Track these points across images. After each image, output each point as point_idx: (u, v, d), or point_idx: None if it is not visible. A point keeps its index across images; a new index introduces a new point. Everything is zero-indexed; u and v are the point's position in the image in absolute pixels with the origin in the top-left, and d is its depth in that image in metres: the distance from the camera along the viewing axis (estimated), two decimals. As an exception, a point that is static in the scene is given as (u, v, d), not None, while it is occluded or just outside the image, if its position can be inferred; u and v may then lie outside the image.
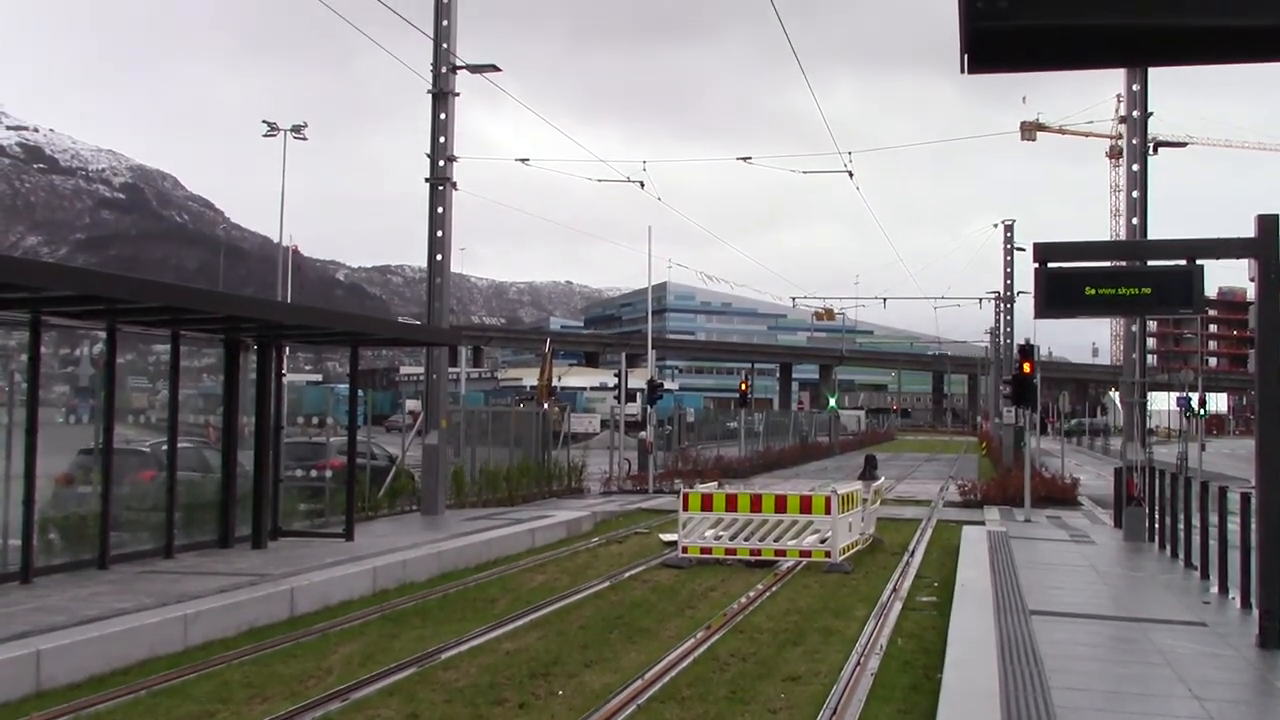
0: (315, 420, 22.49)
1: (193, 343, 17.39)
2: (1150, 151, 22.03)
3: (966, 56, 3.12)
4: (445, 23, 23.21)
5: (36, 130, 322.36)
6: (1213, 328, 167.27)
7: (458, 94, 23.51)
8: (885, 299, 64.98)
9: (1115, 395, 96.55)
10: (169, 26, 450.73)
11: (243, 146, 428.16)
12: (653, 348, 48.84)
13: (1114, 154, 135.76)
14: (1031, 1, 2.97)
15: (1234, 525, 14.08)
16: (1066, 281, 11.63)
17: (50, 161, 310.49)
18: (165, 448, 16.10)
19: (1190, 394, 49.43)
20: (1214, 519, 14.73)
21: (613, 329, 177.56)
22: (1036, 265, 11.41)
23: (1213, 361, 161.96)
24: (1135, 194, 21.68)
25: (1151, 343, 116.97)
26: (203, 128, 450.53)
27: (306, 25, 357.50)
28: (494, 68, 23.49)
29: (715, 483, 22.99)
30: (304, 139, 54.28)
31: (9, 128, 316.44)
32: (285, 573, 14.43)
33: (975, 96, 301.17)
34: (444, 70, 23.24)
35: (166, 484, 15.96)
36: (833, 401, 77.34)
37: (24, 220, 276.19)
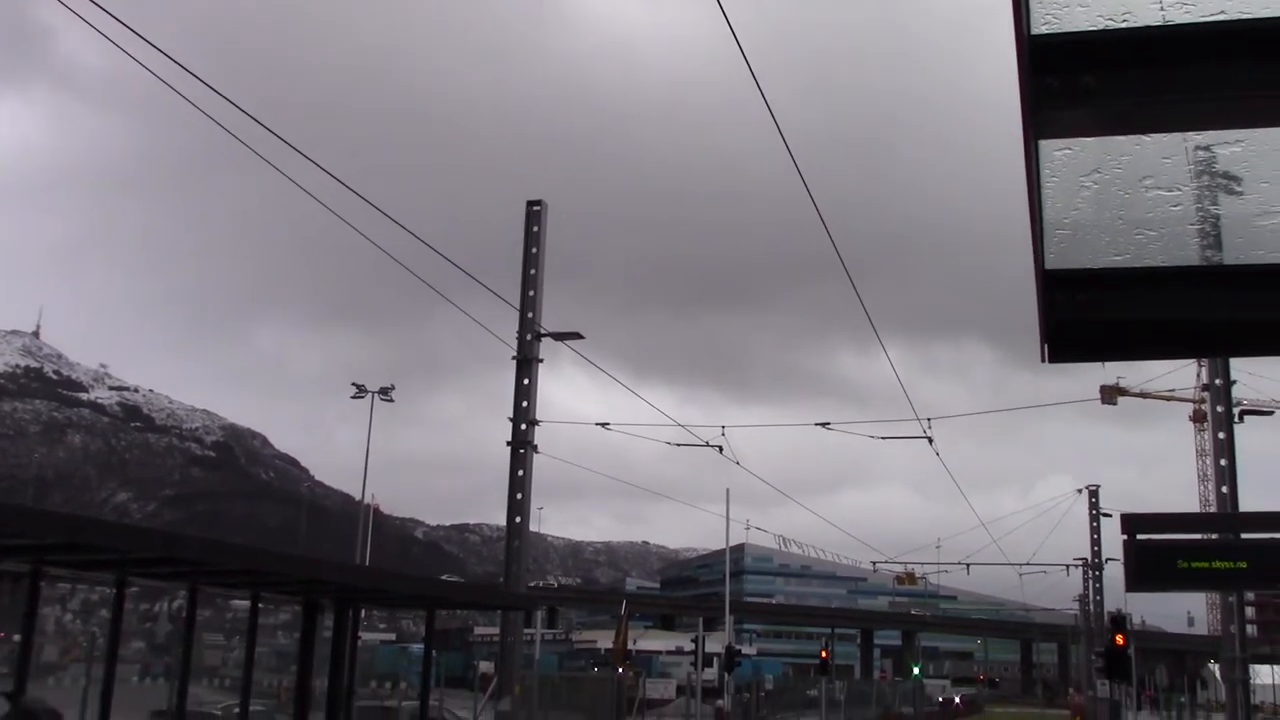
0: (387, 683, 22.21)
1: (271, 602, 17.43)
2: (1235, 419, 21.79)
3: (1046, 347, 3.17)
4: (531, 293, 24.03)
5: (136, 390, 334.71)
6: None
7: (541, 360, 24.08)
8: (968, 564, 63.39)
9: (1215, 668, 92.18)
10: (256, 293, 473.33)
11: (328, 406, 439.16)
12: (730, 612, 47.95)
13: (1198, 418, 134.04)
14: (1110, 297, 3.04)
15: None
16: (1158, 554, 11.33)
17: (146, 420, 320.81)
18: (236, 710, 15.91)
19: (1296, 669, 47.08)
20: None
21: (689, 591, 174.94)
22: (1125, 538, 11.16)
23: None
24: (1223, 462, 21.33)
25: (1250, 611, 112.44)
26: (290, 388, 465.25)
27: (383, 289, 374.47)
28: (578, 335, 24.15)
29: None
30: (390, 400, 55.73)
31: (111, 388, 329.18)
32: None
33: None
34: (528, 338, 23.90)
35: (236, 750, 15.69)
36: (916, 671, 74.71)
37: (117, 477, 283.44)
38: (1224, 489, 21.21)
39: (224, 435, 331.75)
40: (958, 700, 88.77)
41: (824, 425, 29.25)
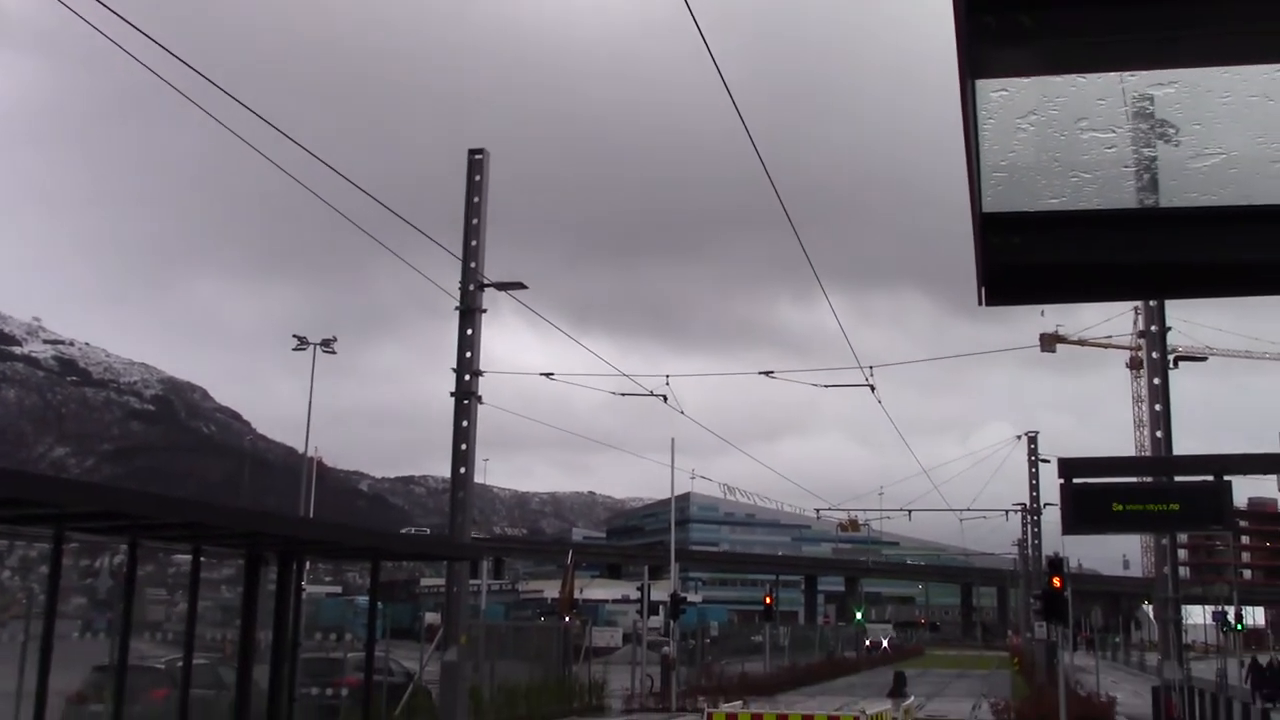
0: (333, 635, 22.18)
1: (214, 556, 17.30)
2: (1170, 365, 22.16)
3: (984, 290, 3.18)
4: (474, 243, 23.86)
5: (72, 344, 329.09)
6: (1245, 539, 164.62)
7: (484, 310, 23.96)
8: (910, 511, 64.23)
9: (1149, 609, 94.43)
10: (193, 243, 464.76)
11: (269, 359, 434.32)
12: (676, 560, 48.36)
13: (1134, 364, 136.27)
14: (1047, 240, 3.05)
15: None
16: (1093, 498, 11.53)
17: (83, 374, 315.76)
18: (180, 664, 15.82)
19: (1226, 608, 48.40)
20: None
21: (635, 540, 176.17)
22: (1062, 481, 11.34)
23: (1247, 574, 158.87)
24: (1158, 407, 21.72)
25: (1183, 554, 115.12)
26: (231, 340, 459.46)
27: (320, 240, 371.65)
28: (521, 285, 24.04)
29: (740, 701, 22.38)
30: (333, 353, 55.25)
31: (46, 341, 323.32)
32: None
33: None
34: (471, 288, 23.76)
35: (179, 704, 15.61)
36: (859, 616, 75.85)
37: (53, 432, 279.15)
38: (1158, 433, 21.61)
39: (163, 389, 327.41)
40: (885, 644, 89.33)
41: (767, 374, 29.42)
